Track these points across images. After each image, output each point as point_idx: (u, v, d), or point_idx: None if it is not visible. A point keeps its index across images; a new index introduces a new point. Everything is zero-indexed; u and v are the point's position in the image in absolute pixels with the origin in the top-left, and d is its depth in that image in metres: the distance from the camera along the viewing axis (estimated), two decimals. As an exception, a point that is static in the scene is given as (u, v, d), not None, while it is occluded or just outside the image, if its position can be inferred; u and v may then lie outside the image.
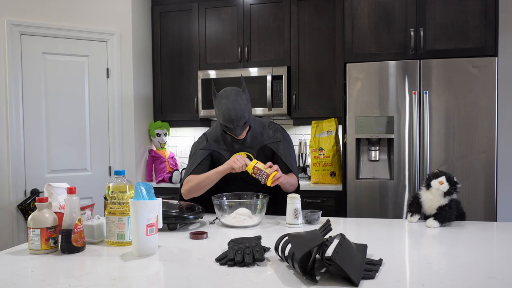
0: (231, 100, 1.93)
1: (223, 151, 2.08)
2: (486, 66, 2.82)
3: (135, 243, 1.39)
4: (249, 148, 2.08)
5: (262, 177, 1.84)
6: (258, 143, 2.09)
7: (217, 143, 2.10)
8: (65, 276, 1.20)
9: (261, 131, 2.11)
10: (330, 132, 3.39)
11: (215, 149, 2.09)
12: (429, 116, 2.90)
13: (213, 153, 2.09)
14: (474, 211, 2.84)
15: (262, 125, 2.14)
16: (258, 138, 2.09)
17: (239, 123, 1.92)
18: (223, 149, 2.08)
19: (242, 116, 1.92)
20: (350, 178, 3.03)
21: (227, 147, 2.09)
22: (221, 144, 2.09)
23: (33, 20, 3.19)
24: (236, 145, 2.08)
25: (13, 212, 3.11)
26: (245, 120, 1.94)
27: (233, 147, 2.08)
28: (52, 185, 1.62)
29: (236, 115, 1.91)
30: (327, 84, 3.51)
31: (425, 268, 1.22)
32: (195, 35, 3.77)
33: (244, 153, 2.07)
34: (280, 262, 1.30)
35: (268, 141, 2.09)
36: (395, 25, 3.02)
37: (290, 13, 3.56)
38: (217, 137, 2.11)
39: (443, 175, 1.75)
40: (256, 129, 2.11)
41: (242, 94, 1.96)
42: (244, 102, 1.95)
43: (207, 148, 2.09)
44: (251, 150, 2.08)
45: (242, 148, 2.08)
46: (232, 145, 2.08)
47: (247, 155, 2.07)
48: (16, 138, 3.11)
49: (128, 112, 3.55)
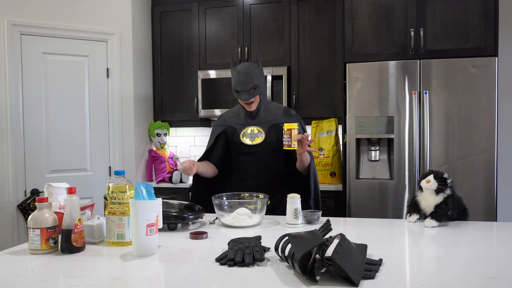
0: (244, 66, 2.10)
1: (237, 125, 2.21)
2: (486, 66, 2.82)
3: (135, 243, 1.39)
4: (261, 124, 2.19)
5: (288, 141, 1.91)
6: (270, 121, 2.19)
7: (232, 118, 2.25)
8: (65, 276, 1.20)
9: (275, 112, 2.22)
10: (330, 132, 3.39)
11: (229, 124, 2.23)
12: (429, 116, 2.90)
13: (227, 128, 2.23)
14: (474, 211, 2.84)
15: (278, 107, 2.26)
16: (271, 116, 2.20)
17: (247, 86, 2.06)
18: (237, 123, 2.22)
19: (250, 80, 2.06)
20: (350, 178, 3.03)
21: (241, 121, 2.22)
22: (236, 118, 2.24)
23: (33, 20, 3.19)
24: (249, 119, 2.21)
25: (13, 212, 3.11)
26: (253, 85, 2.07)
27: (247, 122, 2.21)
28: (52, 185, 1.62)
29: (245, 78, 2.06)
30: (327, 84, 3.51)
31: (425, 268, 1.22)
32: (195, 35, 3.77)
33: (256, 127, 2.19)
34: (280, 262, 1.30)
35: (280, 120, 2.19)
36: (395, 25, 3.02)
37: (290, 13, 3.56)
38: (233, 112, 2.28)
39: (431, 174, 1.77)
40: (271, 108, 2.23)
41: (256, 65, 2.12)
42: (255, 71, 2.10)
43: (222, 124, 2.25)
44: (263, 126, 2.18)
45: (254, 123, 2.20)
46: (246, 119, 2.21)
47: (258, 130, 2.18)
48: (16, 138, 3.11)
49: (128, 112, 3.55)
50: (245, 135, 2.18)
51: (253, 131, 2.18)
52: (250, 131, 2.18)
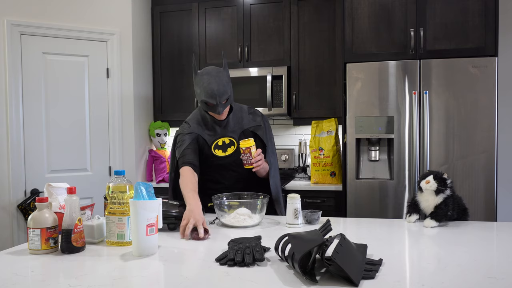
0: (213, 75, 1.92)
1: (206, 136, 2.05)
2: (486, 66, 2.82)
3: (135, 243, 1.39)
4: (231, 132, 2.06)
5: (247, 160, 1.90)
6: (239, 127, 2.08)
7: (200, 126, 2.06)
8: (65, 276, 1.20)
9: (241, 115, 2.10)
10: (330, 132, 3.39)
11: (199, 133, 2.05)
12: (429, 116, 2.90)
13: (198, 137, 2.05)
14: (474, 211, 2.84)
15: (241, 109, 2.13)
16: (240, 122, 2.08)
17: (222, 98, 1.91)
18: (206, 134, 2.06)
19: (224, 91, 1.91)
20: (350, 178, 3.03)
21: (209, 131, 2.06)
22: (203, 128, 2.06)
23: (33, 20, 3.19)
24: (218, 129, 2.06)
25: (13, 212, 3.11)
26: (227, 96, 1.93)
27: (216, 131, 2.06)
28: (52, 185, 1.62)
29: (218, 90, 1.90)
30: (327, 84, 3.51)
31: (425, 268, 1.22)
32: (195, 35, 3.77)
33: (227, 138, 2.06)
34: (280, 262, 1.30)
35: (249, 125, 2.09)
36: (395, 25, 3.02)
37: (290, 13, 3.56)
38: (198, 121, 2.08)
39: (430, 175, 1.77)
40: (237, 112, 2.10)
41: (223, 71, 1.96)
42: (226, 78, 1.94)
43: (193, 131, 2.05)
44: (233, 134, 2.06)
45: (224, 133, 2.06)
46: (214, 128, 2.06)
47: (230, 140, 2.06)
48: (16, 138, 3.11)
49: (128, 112, 3.55)
50: (217, 147, 2.05)
51: (225, 142, 2.06)
52: (222, 143, 2.06)
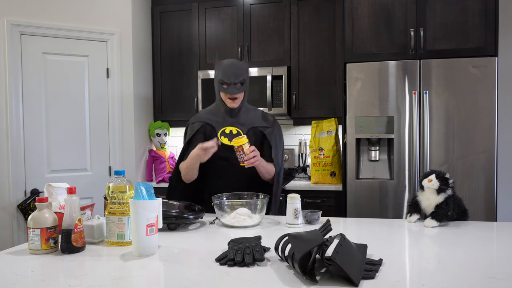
0: (233, 60, 2.05)
1: (215, 123, 2.10)
2: (486, 66, 2.82)
3: (135, 243, 1.39)
4: (241, 125, 2.10)
5: (242, 157, 1.91)
6: (249, 123, 2.12)
7: (210, 115, 2.13)
8: (65, 276, 1.20)
9: (254, 114, 2.16)
10: (330, 132, 3.39)
11: (207, 121, 2.11)
12: (429, 116, 2.90)
13: (205, 126, 2.11)
14: (474, 211, 2.84)
15: (255, 110, 2.20)
16: (251, 119, 2.13)
17: (237, 79, 2.00)
18: (215, 120, 2.11)
19: (241, 73, 2.01)
20: (350, 178, 3.03)
21: (219, 118, 2.11)
22: (213, 116, 2.12)
23: (33, 20, 3.19)
24: (228, 118, 2.10)
25: (13, 212, 3.11)
26: (243, 79, 2.02)
27: (225, 119, 2.10)
28: (52, 185, 1.62)
29: (236, 71, 2.00)
30: (327, 84, 3.51)
31: (425, 268, 1.22)
32: (195, 35, 3.77)
33: (235, 128, 2.09)
34: (280, 262, 1.30)
35: (259, 124, 2.12)
36: (395, 25, 3.02)
37: (290, 13, 3.56)
38: (210, 110, 2.16)
39: (433, 173, 1.77)
40: (251, 111, 2.16)
41: (244, 62, 2.09)
42: (245, 66, 2.05)
43: (199, 120, 2.13)
44: (242, 127, 2.10)
45: (233, 123, 2.10)
46: (225, 118, 2.10)
47: (237, 131, 2.08)
48: (16, 138, 3.11)
49: (128, 112, 3.55)
50: (223, 134, 2.07)
51: (232, 131, 2.08)
52: (229, 131, 2.08)
